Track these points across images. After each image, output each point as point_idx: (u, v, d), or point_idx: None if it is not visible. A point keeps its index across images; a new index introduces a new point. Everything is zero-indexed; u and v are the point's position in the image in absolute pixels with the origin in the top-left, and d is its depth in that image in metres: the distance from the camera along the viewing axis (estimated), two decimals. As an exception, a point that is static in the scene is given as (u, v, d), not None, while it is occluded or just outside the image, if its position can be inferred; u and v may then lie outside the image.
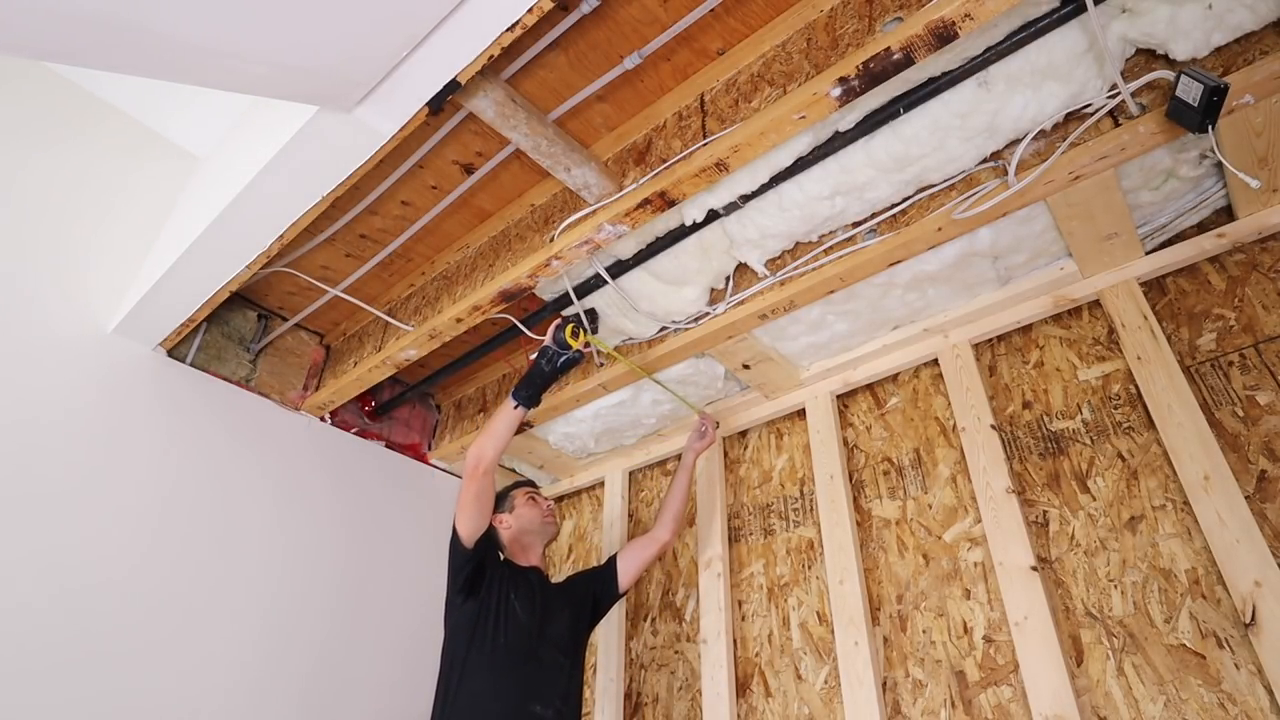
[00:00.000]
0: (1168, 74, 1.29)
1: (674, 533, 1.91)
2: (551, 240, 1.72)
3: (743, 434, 2.25)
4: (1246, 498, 1.33)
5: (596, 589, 1.86)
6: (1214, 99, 1.18)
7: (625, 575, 1.85)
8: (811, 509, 1.97)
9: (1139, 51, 1.37)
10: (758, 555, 2.01)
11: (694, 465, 2.02)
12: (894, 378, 1.98)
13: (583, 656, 1.79)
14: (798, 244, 1.75)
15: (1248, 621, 1.23)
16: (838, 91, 1.29)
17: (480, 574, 1.66)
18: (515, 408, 1.64)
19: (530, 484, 2.01)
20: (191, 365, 2.09)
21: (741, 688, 1.86)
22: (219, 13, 1.07)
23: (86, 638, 1.65)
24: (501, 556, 1.83)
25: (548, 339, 1.69)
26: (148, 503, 1.84)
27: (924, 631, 1.63)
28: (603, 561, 1.90)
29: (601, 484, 2.52)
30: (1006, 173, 1.46)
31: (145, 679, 1.70)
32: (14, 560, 1.59)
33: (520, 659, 1.64)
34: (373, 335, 2.23)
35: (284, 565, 2.05)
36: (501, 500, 1.94)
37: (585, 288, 1.87)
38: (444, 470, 2.63)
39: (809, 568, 1.90)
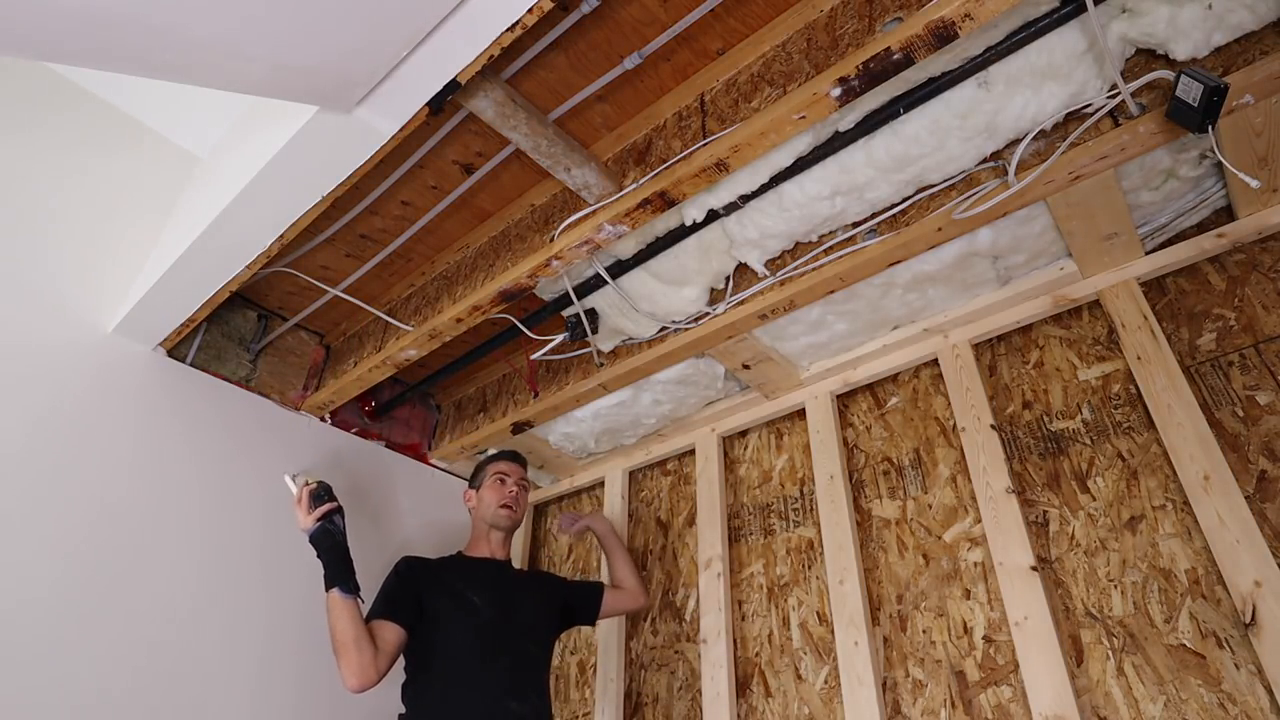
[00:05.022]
0: (1168, 74, 1.29)
1: (649, 594, 1.93)
2: (551, 240, 1.72)
3: (743, 434, 2.25)
4: (1246, 498, 1.33)
5: (575, 602, 1.84)
6: (1214, 99, 1.18)
7: (604, 611, 1.84)
8: (811, 509, 1.97)
9: (1139, 51, 1.37)
10: (758, 555, 2.01)
11: (609, 530, 2.06)
12: (894, 378, 1.98)
13: (551, 650, 1.75)
14: (798, 244, 1.75)
15: (1248, 621, 1.23)
16: (838, 91, 1.29)
17: (421, 605, 1.62)
18: (346, 597, 1.44)
19: (510, 457, 1.95)
20: (191, 365, 2.09)
21: (741, 688, 1.86)
22: (219, 13, 1.07)
23: (86, 638, 1.65)
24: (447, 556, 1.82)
25: (306, 520, 1.53)
26: (147, 503, 1.84)
27: (924, 631, 1.63)
28: (593, 580, 1.88)
29: (601, 484, 2.52)
30: (1006, 173, 1.46)
31: (144, 679, 1.70)
32: (13, 560, 1.59)
33: (491, 653, 1.58)
34: (373, 335, 2.23)
35: (284, 565, 2.05)
36: (477, 473, 1.92)
37: (585, 288, 1.87)
38: (444, 470, 2.63)
39: (809, 568, 1.90)
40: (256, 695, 1.88)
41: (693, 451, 2.29)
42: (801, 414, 2.08)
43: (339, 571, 1.45)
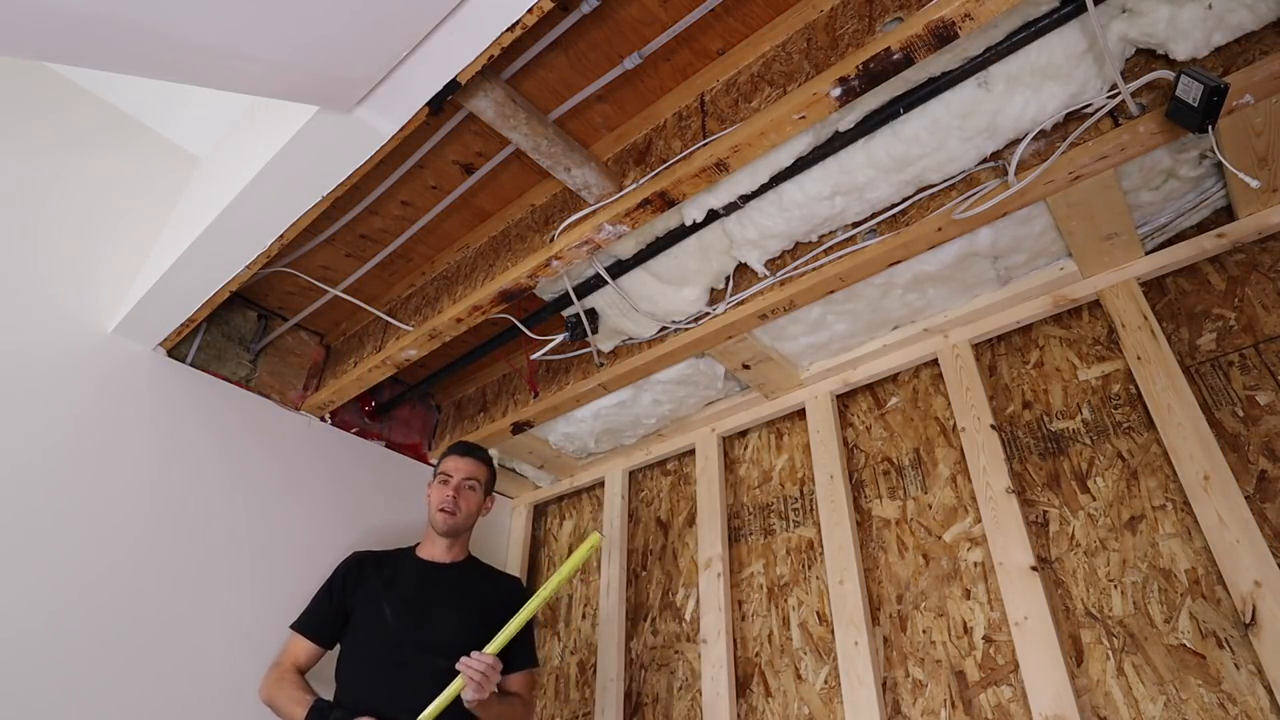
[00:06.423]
0: (1168, 74, 1.29)
1: None
2: (551, 240, 1.72)
3: (743, 434, 2.25)
4: (1246, 498, 1.33)
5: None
6: (1214, 99, 1.18)
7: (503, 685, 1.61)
8: (811, 509, 1.97)
9: (1139, 51, 1.37)
10: (758, 555, 2.01)
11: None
12: (894, 378, 1.98)
13: None
14: (798, 244, 1.75)
15: (1248, 621, 1.24)
16: (838, 91, 1.29)
17: (346, 615, 1.72)
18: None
19: (462, 451, 1.88)
20: (191, 365, 2.09)
21: (741, 688, 1.86)
22: (219, 12, 1.07)
23: (85, 637, 1.65)
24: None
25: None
26: (147, 503, 1.84)
27: (924, 631, 1.63)
28: (530, 654, 1.74)
29: (601, 484, 2.52)
30: (1006, 173, 1.46)
31: (143, 679, 1.70)
32: (12, 560, 1.59)
33: (395, 668, 1.57)
34: (373, 335, 2.23)
35: (284, 565, 2.05)
36: (437, 465, 1.90)
37: (585, 288, 1.87)
38: (444, 470, 2.63)
39: (809, 568, 1.90)
40: (247, 695, 1.87)
41: (693, 451, 2.29)
42: (801, 414, 2.08)
43: None
